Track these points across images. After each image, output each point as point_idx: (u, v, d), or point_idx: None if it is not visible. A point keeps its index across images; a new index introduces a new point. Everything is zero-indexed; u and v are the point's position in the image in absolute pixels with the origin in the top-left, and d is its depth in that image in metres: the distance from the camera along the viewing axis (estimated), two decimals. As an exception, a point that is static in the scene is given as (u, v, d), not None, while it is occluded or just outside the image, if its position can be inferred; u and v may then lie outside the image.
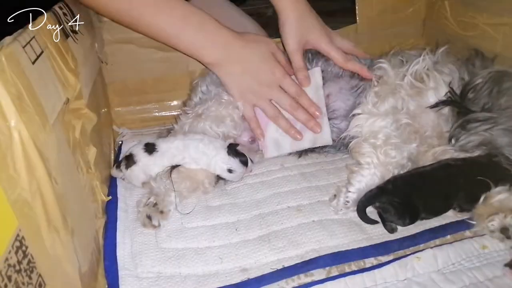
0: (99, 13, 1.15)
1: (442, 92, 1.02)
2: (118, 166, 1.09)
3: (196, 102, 1.20)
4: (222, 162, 1.07)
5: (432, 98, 1.04)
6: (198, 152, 1.07)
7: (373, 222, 0.95)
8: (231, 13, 1.42)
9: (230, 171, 1.08)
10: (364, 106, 1.07)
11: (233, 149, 1.08)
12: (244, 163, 1.09)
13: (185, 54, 1.13)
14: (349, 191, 0.99)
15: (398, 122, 1.03)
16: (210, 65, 1.13)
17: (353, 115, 1.08)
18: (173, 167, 1.07)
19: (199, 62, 1.13)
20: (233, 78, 1.12)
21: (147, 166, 1.07)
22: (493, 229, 0.89)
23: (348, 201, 0.98)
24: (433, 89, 1.03)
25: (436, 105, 1.02)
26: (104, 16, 1.16)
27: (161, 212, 0.99)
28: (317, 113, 1.13)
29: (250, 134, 1.20)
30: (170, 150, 1.07)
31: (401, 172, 1.02)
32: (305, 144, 1.16)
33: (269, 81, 1.11)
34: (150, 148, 1.07)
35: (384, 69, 1.09)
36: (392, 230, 0.92)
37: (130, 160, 1.07)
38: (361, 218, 0.95)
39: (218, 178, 1.10)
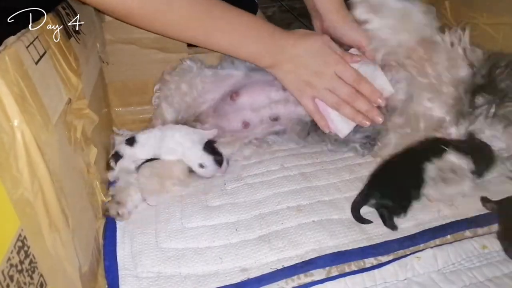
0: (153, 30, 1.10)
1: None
2: (109, 167, 1.11)
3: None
4: (195, 156, 1.09)
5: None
6: (174, 143, 1.10)
7: (368, 222, 0.95)
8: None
9: (201, 166, 1.10)
10: None
11: (209, 146, 1.10)
12: (218, 162, 1.11)
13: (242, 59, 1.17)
14: None
15: None
16: (267, 69, 1.13)
17: None
18: (148, 160, 1.11)
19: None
20: (289, 76, 1.12)
21: (133, 156, 1.11)
22: None
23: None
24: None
25: None
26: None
27: (117, 202, 1.00)
28: (380, 101, 1.09)
29: (242, 118, 1.20)
30: (149, 141, 1.11)
31: None
32: None
33: (323, 70, 1.08)
34: (130, 141, 1.12)
35: None
36: (394, 228, 0.93)
37: (116, 156, 1.10)
38: (356, 220, 0.96)
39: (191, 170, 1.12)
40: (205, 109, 1.23)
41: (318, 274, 0.85)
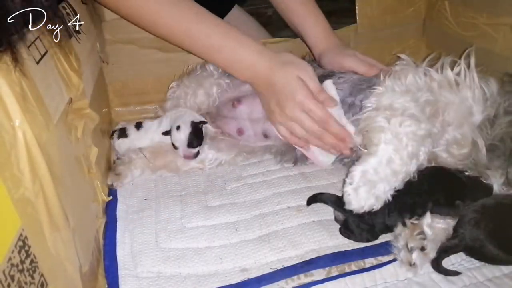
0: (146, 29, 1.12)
1: (477, 95, 0.92)
2: (111, 135, 1.18)
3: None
4: (166, 124, 1.16)
5: (466, 93, 0.94)
6: (168, 125, 1.15)
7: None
8: (232, 12, 1.42)
9: (166, 133, 1.15)
10: (382, 83, 0.97)
11: (194, 127, 1.13)
12: (191, 145, 1.12)
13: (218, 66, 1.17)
14: (352, 172, 0.87)
15: (419, 100, 0.91)
16: (246, 81, 1.13)
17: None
18: None
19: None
20: (262, 98, 1.12)
21: (134, 140, 1.17)
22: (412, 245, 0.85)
23: (351, 182, 0.86)
24: (468, 87, 0.94)
25: None
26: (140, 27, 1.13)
27: (117, 174, 1.10)
28: (347, 139, 1.05)
29: (238, 125, 1.20)
30: (152, 127, 1.18)
31: (418, 146, 0.88)
32: None
33: (291, 105, 1.05)
34: (138, 125, 1.21)
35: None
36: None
37: (123, 132, 1.17)
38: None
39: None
40: (210, 109, 1.24)
41: (318, 274, 0.85)
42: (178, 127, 1.11)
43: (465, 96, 0.93)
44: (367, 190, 0.85)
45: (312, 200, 0.99)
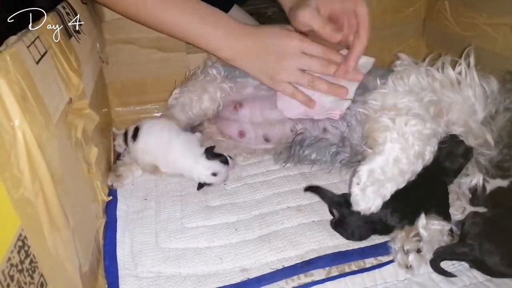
0: (122, 14, 1.14)
1: (478, 93, 0.93)
2: (125, 138, 1.14)
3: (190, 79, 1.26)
4: (203, 168, 1.08)
5: (467, 92, 0.94)
6: (179, 164, 1.11)
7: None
8: (232, 12, 1.42)
9: (214, 174, 1.09)
10: (384, 84, 0.97)
11: (210, 152, 1.10)
12: (225, 162, 1.10)
13: (201, 49, 1.16)
14: (359, 172, 0.86)
15: (422, 100, 0.91)
16: (230, 61, 1.13)
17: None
18: None
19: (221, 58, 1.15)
20: (255, 64, 1.11)
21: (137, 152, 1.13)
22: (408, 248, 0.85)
23: (358, 182, 0.85)
24: (469, 86, 0.94)
25: None
26: (126, 17, 1.15)
27: (117, 175, 1.10)
28: (351, 63, 1.06)
29: (239, 128, 1.20)
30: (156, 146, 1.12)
31: (424, 146, 0.87)
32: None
33: (290, 50, 1.07)
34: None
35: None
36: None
37: (133, 136, 1.13)
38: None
39: (201, 185, 1.11)
40: (208, 117, 1.24)
41: (318, 274, 0.85)
42: (214, 174, 1.09)
43: (467, 95, 0.93)
44: (375, 190, 0.84)
45: (310, 189, 0.99)
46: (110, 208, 1.02)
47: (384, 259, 0.88)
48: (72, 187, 0.75)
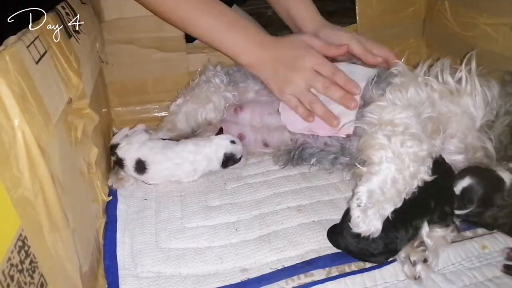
0: (148, 8, 1.17)
1: (478, 102, 0.92)
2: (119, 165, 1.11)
3: (192, 87, 1.25)
4: (220, 140, 1.12)
5: (467, 101, 0.93)
6: (200, 162, 1.11)
7: None
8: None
9: (233, 142, 1.13)
10: (382, 96, 0.96)
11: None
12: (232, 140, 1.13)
13: (226, 55, 1.17)
14: (358, 192, 0.84)
15: (421, 116, 0.91)
16: (247, 67, 1.16)
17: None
18: None
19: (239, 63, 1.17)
20: (269, 72, 1.12)
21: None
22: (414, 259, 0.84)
23: (359, 204, 0.83)
24: (469, 95, 0.93)
25: None
26: (153, 12, 1.17)
27: (119, 178, 1.10)
28: (355, 89, 1.05)
29: (239, 130, 1.20)
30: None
31: (419, 167, 0.86)
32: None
33: (302, 66, 1.08)
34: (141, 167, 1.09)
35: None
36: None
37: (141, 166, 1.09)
38: None
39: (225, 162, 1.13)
40: (211, 126, 1.24)
41: (318, 274, 0.84)
42: (232, 141, 1.13)
43: (466, 104, 0.92)
44: (375, 211, 0.83)
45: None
46: (110, 208, 1.02)
47: (384, 259, 0.87)
48: (72, 187, 0.75)
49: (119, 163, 1.08)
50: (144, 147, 1.07)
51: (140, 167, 1.07)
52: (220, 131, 1.15)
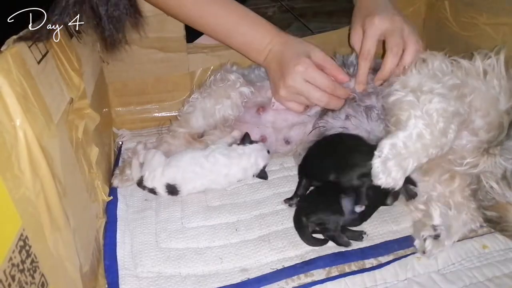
0: (156, 6, 1.16)
1: (504, 86, 0.91)
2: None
3: (208, 84, 1.23)
4: (256, 151, 1.11)
5: (492, 82, 0.92)
6: (234, 174, 1.10)
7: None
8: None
9: (268, 152, 1.13)
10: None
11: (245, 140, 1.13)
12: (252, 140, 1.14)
13: (237, 51, 1.17)
14: (381, 145, 0.86)
15: (446, 83, 0.90)
16: (265, 65, 1.15)
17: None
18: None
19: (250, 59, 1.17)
20: (271, 74, 1.13)
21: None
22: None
23: (380, 155, 0.85)
24: (495, 77, 0.92)
25: None
26: (161, 10, 1.17)
27: (123, 179, 1.10)
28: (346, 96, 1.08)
29: (261, 133, 1.19)
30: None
31: (449, 123, 0.86)
32: None
33: (292, 73, 1.05)
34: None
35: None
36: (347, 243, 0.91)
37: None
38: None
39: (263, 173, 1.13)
40: (228, 124, 1.22)
41: (318, 274, 0.85)
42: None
43: (492, 85, 0.91)
44: (396, 163, 0.84)
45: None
46: (110, 208, 1.02)
47: (384, 259, 0.88)
48: (72, 187, 0.75)
49: (153, 192, 1.06)
50: (168, 170, 1.05)
51: (172, 190, 1.06)
52: (247, 137, 1.14)
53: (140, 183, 1.06)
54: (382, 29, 1.05)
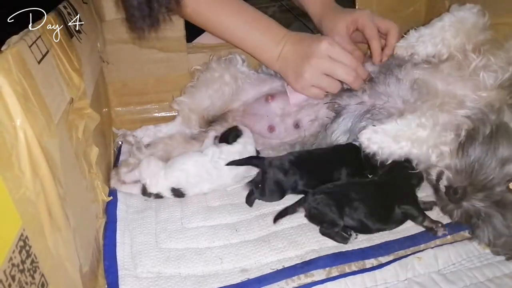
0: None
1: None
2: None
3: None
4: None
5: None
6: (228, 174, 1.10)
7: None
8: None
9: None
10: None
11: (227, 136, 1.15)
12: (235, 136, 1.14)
13: (247, 52, 1.19)
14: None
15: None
16: (268, 63, 1.17)
17: None
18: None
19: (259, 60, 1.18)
20: (287, 64, 1.13)
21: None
22: None
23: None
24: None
25: None
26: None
27: (120, 181, 1.09)
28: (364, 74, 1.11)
29: (269, 123, 1.20)
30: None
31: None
32: None
33: (317, 52, 1.08)
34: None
35: None
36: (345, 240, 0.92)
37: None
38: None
39: None
40: (235, 107, 1.24)
41: (318, 274, 0.85)
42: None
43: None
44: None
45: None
46: (110, 208, 1.02)
47: (384, 259, 0.88)
48: (72, 187, 0.75)
49: (160, 196, 1.07)
50: (172, 174, 1.05)
51: (178, 193, 1.06)
52: (233, 132, 1.15)
53: (144, 192, 1.06)
54: (369, 18, 1.16)
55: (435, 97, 0.98)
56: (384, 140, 0.93)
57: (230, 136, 1.13)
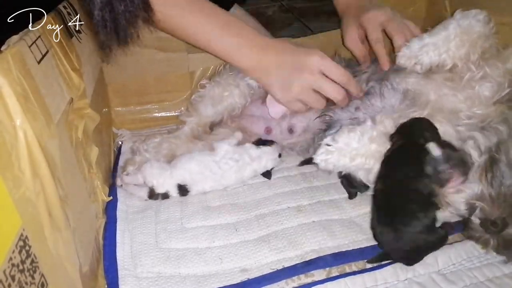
0: None
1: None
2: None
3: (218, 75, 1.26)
4: (268, 154, 1.12)
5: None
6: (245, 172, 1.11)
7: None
8: (232, 11, 1.42)
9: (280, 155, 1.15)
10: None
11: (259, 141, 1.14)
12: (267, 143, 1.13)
13: (222, 59, 1.14)
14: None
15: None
16: (245, 72, 1.12)
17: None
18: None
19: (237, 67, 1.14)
20: (269, 74, 1.08)
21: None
22: None
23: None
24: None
25: None
26: None
27: (123, 182, 1.08)
28: (361, 94, 1.10)
29: (266, 124, 1.20)
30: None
31: None
32: None
33: (309, 66, 1.04)
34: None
35: None
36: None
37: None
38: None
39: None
40: (235, 113, 1.23)
41: (318, 274, 0.85)
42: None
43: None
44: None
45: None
46: (110, 208, 1.02)
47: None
48: (72, 187, 0.75)
49: (167, 196, 1.06)
50: (176, 172, 1.06)
51: (183, 190, 1.06)
52: (261, 143, 1.14)
53: (151, 195, 1.06)
54: (380, 20, 1.13)
55: (423, 107, 0.99)
56: (340, 159, 0.94)
57: (260, 141, 1.14)
